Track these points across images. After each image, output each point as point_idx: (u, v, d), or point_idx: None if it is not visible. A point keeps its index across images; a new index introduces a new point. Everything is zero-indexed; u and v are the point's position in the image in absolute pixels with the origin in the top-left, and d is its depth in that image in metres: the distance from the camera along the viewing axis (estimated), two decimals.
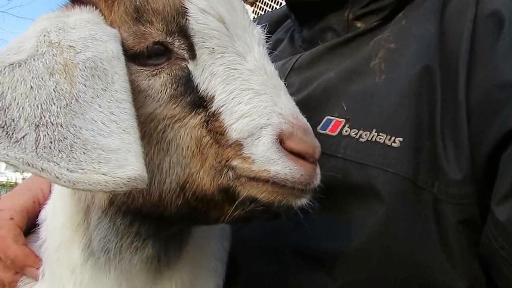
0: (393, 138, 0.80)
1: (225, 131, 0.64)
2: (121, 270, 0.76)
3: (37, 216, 0.87)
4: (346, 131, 0.85)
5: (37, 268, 0.82)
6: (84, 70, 0.56)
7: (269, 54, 0.74)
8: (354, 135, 0.84)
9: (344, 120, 0.87)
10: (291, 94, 0.76)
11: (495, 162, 0.73)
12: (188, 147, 0.65)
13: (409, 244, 0.77)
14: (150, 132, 0.65)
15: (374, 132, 0.82)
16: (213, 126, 0.65)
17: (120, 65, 0.60)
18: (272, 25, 1.24)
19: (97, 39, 0.59)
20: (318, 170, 0.67)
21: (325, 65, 0.97)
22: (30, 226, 0.88)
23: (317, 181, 0.66)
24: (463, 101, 0.78)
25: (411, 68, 0.84)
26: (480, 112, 0.76)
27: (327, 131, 0.87)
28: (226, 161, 0.63)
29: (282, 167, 0.62)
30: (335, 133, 0.86)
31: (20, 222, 0.86)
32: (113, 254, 0.75)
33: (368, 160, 0.81)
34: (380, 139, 0.81)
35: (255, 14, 4.73)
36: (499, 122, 0.72)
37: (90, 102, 0.55)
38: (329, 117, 0.89)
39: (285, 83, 0.98)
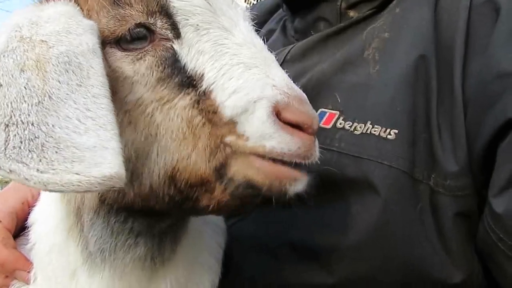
0: (388, 130, 0.79)
1: (217, 109, 0.61)
2: (115, 269, 0.74)
3: (26, 218, 0.85)
4: (340, 124, 0.84)
5: (28, 272, 0.80)
6: (58, 65, 0.54)
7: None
8: (349, 128, 0.83)
9: (338, 112, 0.85)
10: None
11: (492, 153, 0.72)
12: (178, 129, 0.62)
13: (406, 237, 0.76)
14: (137, 118, 0.63)
15: (369, 124, 0.81)
16: (205, 105, 0.62)
17: (96, 59, 0.57)
18: (263, 15, 1.22)
19: (72, 32, 0.56)
20: (316, 143, 0.64)
21: (318, 56, 0.96)
22: (19, 229, 0.86)
23: (316, 154, 0.63)
24: (459, 91, 0.77)
25: (406, 58, 0.83)
26: (476, 102, 0.75)
27: (321, 124, 0.85)
28: (220, 139, 0.61)
29: (278, 142, 0.59)
30: (329, 126, 0.85)
31: (9, 224, 0.84)
32: (108, 254, 0.74)
33: (363, 153, 0.80)
34: (375, 131, 0.80)
35: (248, 3, 4.70)
36: (496, 113, 0.71)
37: (65, 99, 0.52)
38: (323, 109, 0.87)
39: None
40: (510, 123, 0.69)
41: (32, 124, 0.51)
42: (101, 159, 0.51)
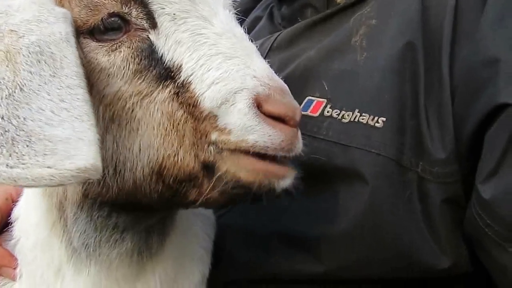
0: (376, 119, 0.79)
1: (197, 101, 0.60)
2: (101, 265, 0.73)
3: (10, 214, 0.84)
4: (328, 112, 0.83)
5: (14, 268, 0.79)
6: (29, 56, 0.52)
7: (248, 32, 0.70)
8: (336, 116, 0.82)
9: (325, 100, 0.85)
10: None
11: (480, 140, 0.72)
12: (160, 124, 0.61)
13: (395, 224, 0.77)
14: (119, 113, 0.62)
15: (356, 113, 0.80)
16: (184, 97, 0.61)
17: (70, 48, 0.55)
18: (248, 2, 1.20)
19: (43, 21, 0.54)
20: (299, 135, 0.64)
21: (305, 43, 0.94)
22: (3, 224, 0.84)
23: (299, 146, 0.63)
24: (447, 78, 0.77)
25: (393, 45, 0.82)
26: (464, 89, 0.75)
27: (309, 112, 0.85)
28: (206, 136, 0.60)
29: (260, 135, 0.58)
30: (317, 114, 0.84)
31: None
32: (93, 249, 0.73)
33: (351, 141, 0.79)
34: (363, 119, 0.80)
35: None
36: (483, 100, 0.71)
37: (37, 90, 0.50)
38: (310, 97, 0.86)
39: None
40: (497, 110, 0.69)
41: (2, 118, 0.49)
42: (75, 151, 0.49)
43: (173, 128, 0.61)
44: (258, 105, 0.59)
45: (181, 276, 0.84)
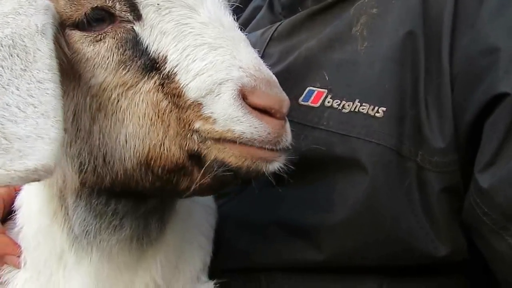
0: (376, 108, 0.78)
1: (182, 92, 0.60)
2: (102, 251, 0.74)
3: (13, 203, 0.85)
4: (328, 102, 0.83)
5: (18, 256, 0.81)
6: (1, 50, 0.51)
7: (246, 22, 0.69)
8: (337, 106, 0.82)
9: (326, 90, 0.84)
10: (271, 65, 0.73)
11: (479, 129, 0.72)
12: (145, 114, 0.61)
13: (394, 213, 0.77)
14: (105, 103, 0.62)
15: (357, 103, 0.80)
16: (169, 88, 0.61)
17: (44, 41, 0.55)
18: None
19: (21, 14, 0.54)
20: (287, 127, 0.63)
21: (306, 33, 0.94)
22: (6, 213, 0.86)
23: (287, 139, 0.62)
24: (446, 67, 0.76)
25: (394, 34, 0.81)
26: (463, 78, 0.75)
27: (309, 103, 0.84)
28: (189, 124, 0.60)
29: (247, 126, 0.58)
30: (318, 104, 0.84)
31: None
32: (93, 236, 0.74)
33: (351, 131, 0.79)
34: (363, 109, 0.79)
35: None
36: (482, 89, 0.71)
37: (7, 85, 0.50)
38: (311, 87, 0.86)
39: (264, 54, 0.95)
40: (496, 99, 0.69)
41: None
42: (30, 150, 0.48)
43: (158, 118, 0.61)
44: (244, 96, 0.59)
45: (183, 263, 0.85)
